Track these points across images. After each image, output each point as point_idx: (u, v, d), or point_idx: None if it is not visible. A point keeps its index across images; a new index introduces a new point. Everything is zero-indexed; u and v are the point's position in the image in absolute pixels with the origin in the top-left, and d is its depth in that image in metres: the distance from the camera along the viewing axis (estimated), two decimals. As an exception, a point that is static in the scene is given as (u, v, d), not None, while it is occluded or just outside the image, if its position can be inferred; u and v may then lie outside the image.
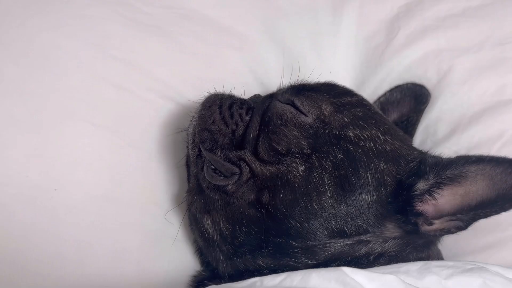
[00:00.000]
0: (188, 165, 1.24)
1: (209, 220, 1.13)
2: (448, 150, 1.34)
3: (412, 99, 1.44)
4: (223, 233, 1.11)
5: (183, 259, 1.29)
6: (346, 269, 0.89)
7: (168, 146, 1.31)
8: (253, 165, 1.07)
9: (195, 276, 1.25)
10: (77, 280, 1.13)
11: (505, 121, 1.33)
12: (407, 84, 1.47)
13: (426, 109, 1.44)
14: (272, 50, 1.51)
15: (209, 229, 1.14)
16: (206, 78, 1.34)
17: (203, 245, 1.20)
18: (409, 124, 1.42)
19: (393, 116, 1.43)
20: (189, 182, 1.23)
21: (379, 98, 1.48)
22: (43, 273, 1.11)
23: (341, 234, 1.05)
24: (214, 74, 1.39)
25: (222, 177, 1.09)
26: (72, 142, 1.20)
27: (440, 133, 1.42)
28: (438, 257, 1.18)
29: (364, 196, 1.05)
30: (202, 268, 1.27)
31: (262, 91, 1.31)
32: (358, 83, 1.57)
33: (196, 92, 1.23)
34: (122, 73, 1.29)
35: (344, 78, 1.54)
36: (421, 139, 1.45)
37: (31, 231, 1.12)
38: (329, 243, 1.05)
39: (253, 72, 1.46)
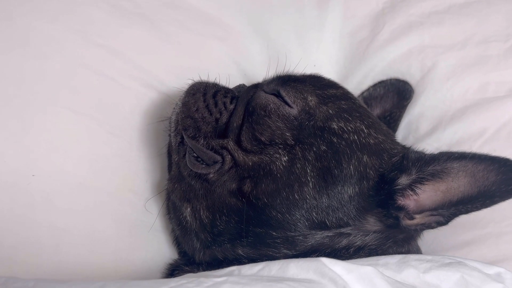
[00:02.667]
0: (169, 153, 1.24)
1: (189, 209, 1.13)
2: (429, 146, 1.36)
3: (395, 95, 1.45)
4: (202, 221, 1.11)
5: (160, 249, 1.29)
6: (324, 260, 0.90)
7: (149, 135, 1.30)
8: (236, 154, 1.07)
9: (171, 264, 1.25)
10: (53, 267, 1.12)
11: (487, 119, 1.34)
12: (390, 79, 1.48)
13: (409, 105, 1.45)
14: (256, 42, 1.51)
15: (188, 218, 1.14)
16: (189, 68, 1.33)
17: (180, 233, 1.20)
18: (391, 119, 1.43)
19: (376, 111, 1.44)
20: (170, 170, 1.23)
21: (363, 93, 1.49)
22: (18, 259, 1.09)
23: (322, 226, 1.06)
24: (197, 63, 1.38)
25: (204, 165, 1.09)
26: (52, 129, 1.19)
27: (422, 129, 1.43)
28: (418, 252, 1.19)
29: (346, 188, 1.05)
30: (178, 258, 1.27)
31: (245, 82, 1.30)
32: (342, 77, 1.58)
33: (179, 81, 1.23)
34: (104, 60, 1.28)
35: (328, 72, 1.54)
36: (403, 135, 1.46)
37: (7, 217, 1.10)
38: (309, 234, 1.05)
39: (237, 64, 1.46)
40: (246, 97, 1.15)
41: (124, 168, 1.27)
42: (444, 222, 1.07)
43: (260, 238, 1.06)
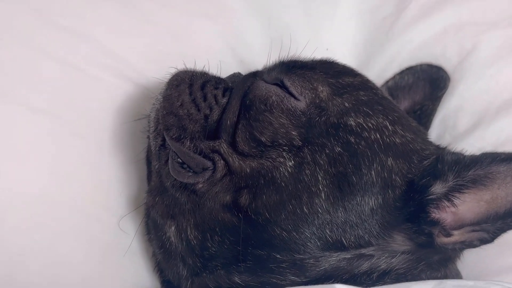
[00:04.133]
0: (148, 160, 1.24)
1: (173, 227, 1.13)
2: (471, 146, 1.33)
3: (427, 84, 1.45)
4: (190, 243, 1.11)
5: (138, 277, 1.29)
6: (340, 287, 0.89)
7: (124, 137, 1.30)
8: (230, 159, 1.07)
9: None
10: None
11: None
12: (421, 65, 1.47)
13: (445, 96, 1.45)
14: (255, 20, 1.51)
15: (172, 238, 1.14)
16: (172, 54, 1.33)
17: (162, 258, 1.20)
18: (423, 114, 1.42)
19: (404, 104, 1.44)
20: (149, 180, 1.23)
21: (387, 82, 1.49)
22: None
23: (338, 246, 1.05)
24: (182, 49, 1.38)
25: (190, 173, 1.09)
26: (4, 130, 1.19)
27: (461, 126, 1.43)
28: (457, 277, 1.18)
29: (367, 199, 1.05)
30: (161, 288, 1.26)
31: (242, 70, 1.29)
32: (361, 63, 1.57)
33: (160, 70, 1.23)
34: (67, 45, 1.28)
35: (343, 56, 1.53)
36: (438, 133, 1.46)
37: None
38: (322, 256, 1.05)
39: (231, 48, 1.46)
40: (242, 89, 1.15)
41: (93, 177, 1.27)
42: (489, 240, 1.07)
43: (261, 262, 1.06)
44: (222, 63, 1.28)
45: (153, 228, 1.20)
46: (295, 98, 1.10)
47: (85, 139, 1.26)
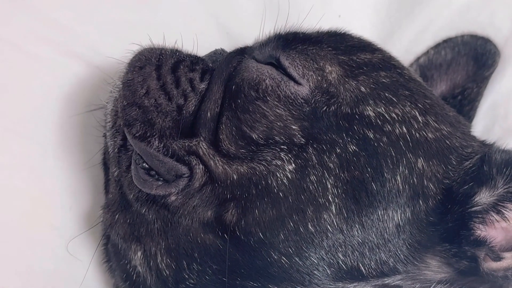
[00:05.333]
0: (105, 165, 1.23)
1: (139, 253, 1.12)
2: (528, 142, 1.35)
3: (470, 61, 1.44)
4: (161, 273, 1.09)
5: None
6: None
7: (73, 134, 1.30)
8: (211, 162, 1.06)
9: None
10: None
11: None
12: (462, 36, 1.47)
13: (493, 76, 1.44)
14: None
15: (139, 267, 1.12)
16: (136, 25, 1.33)
17: None
18: (465, 100, 1.42)
19: (440, 87, 1.44)
20: (107, 191, 1.22)
21: (418, 59, 1.49)
22: None
23: (354, 274, 1.03)
24: (149, 17, 1.38)
25: (160, 182, 1.08)
26: None
27: None
28: (510, 313, 1.19)
29: (391, 213, 1.03)
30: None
31: (227, 46, 1.28)
32: (384, 34, 1.56)
33: (119, 47, 1.20)
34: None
35: (361, 26, 1.52)
36: (485, 125, 1.45)
37: None
38: None
39: (213, 16, 1.45)
40: (226, 70, 1.14)
41: (35, 187, 1.26)
42: None
43: None
44: (200, 37, 1.26)
45: (114, 254, 1.20)
46: (295, 81, 1.09)
47: (24, 137, 1.25)
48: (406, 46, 1.53)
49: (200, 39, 1.24)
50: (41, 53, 1.27)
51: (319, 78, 1.08)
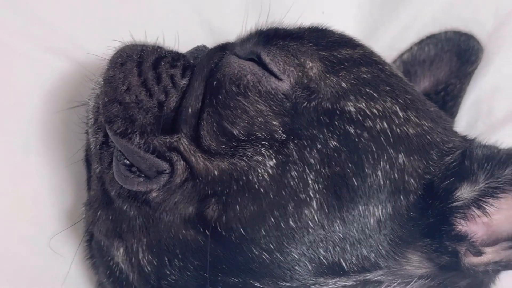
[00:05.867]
0: (88, 161, 1.23)
1: (122, 249, 1.12)
2: (511, 138, 1.31)
3: (453, 57, 1.44)
4: (143, 270, 1.09)
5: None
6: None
7: (55, 131, 1.30)
8: (193, 159, 1.06)
9: None
10: None
11: None
12: (445, 32, 1.47)
13: (477, 72, 1.44)
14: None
15: (121, 264, 1.13)
16: (118, 21, 1.33)
17: None
18: (448, 96, 1.42)
19: (423, 83, 1.44)
20: (89, 188, 1.22)
21: (401, 55, 1.49)
22: None
23: (335, 270, 1.04)
24: (132, 14, 1.38)
25: (141, 179, 1.08)
26: None
27: (499, 112, 1.43)
28: (493, 308, 1.19)
29: (372, 208, 1.04)
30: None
31: (209, 43, 1.28)
32: (367, 31, 1.57)
33: (100, 43, 1.20)
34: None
35: (344, 22, 1.50)
36: (468, 121, 1.46)
37: None
38: (315, 284, 1.04)
39: (196, 12, 1.45)
40: (207, 66, 1.14)
41: (18, 184, 1.27)
42: None
43: None
44: (183, 33, 1.27)
45: (97, 251, 1.20)
46: (276, 77, 1.09)
47: (5, 134, 1.26)
48: (389, 43, 1.53)
49: (183, 36, 1.24)
50: (23, 50, 1.27)
51: (299, 74, 1.09)
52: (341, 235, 1.02)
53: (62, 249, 1.26)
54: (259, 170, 1.03)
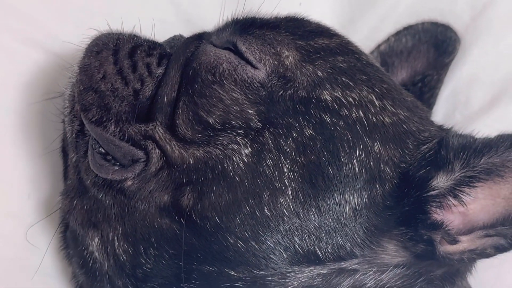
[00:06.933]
0: (64, 151, 1.23)
1: (97, 239, 1.12)
2: (487, 128, 1.30)
3: (431, 48, 1.45)
4: (118, 258, 1.10)
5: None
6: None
7: (31, 121, 1.30)
8: (168, 147, 1.06)
9: None
10: None
11: None
12: (423, 23, 1.47)
13: (454, 63, 1.45)
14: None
15: (96, 253, 1.13)
16: (95, 11, 1.33)
17: (85, 280, 1.19)
18: (426, 87, 1.43)
19: (401, 74, 1.45)
20: (66, 178, 1.22)
21: (379, 46, 1.49)
22: None
23: (310, 258, 1.05)
24: (109, 4, 1.38)
25: (116, 167, 1.08)
26: None
27: (476, 102, 1.44)
28: (468, 297, 1.19)
29: (347, 197, 1.05)
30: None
31: (188, 32, 1.27)
32: (345, 21, 1.57)
33: (77, 32, 1.19)
34: None
35: (322, 13, 1.52)
36: (445, 111, 1.46)
37: None
38: (290, 272, 1.05)
39: (173, 3, 1.46)
40: (183, 55, 1.14)
41: None
42: (507, 247, 1.07)
43: (211, 281, 1.06)
44: (161, 24, 1.27)
45: (72, 241, 1.20)
46: (252, 66, 1.10)
47: None
48: (366, 33, 1.53)
49: (160, 26, 1.25)
50: (-1, 41, 1.26)
51: (275, 62, 1.09)
52: (316, 224, 1.03)
53: (39, 240, 1.26)
54: (234, 159, 1.03)
